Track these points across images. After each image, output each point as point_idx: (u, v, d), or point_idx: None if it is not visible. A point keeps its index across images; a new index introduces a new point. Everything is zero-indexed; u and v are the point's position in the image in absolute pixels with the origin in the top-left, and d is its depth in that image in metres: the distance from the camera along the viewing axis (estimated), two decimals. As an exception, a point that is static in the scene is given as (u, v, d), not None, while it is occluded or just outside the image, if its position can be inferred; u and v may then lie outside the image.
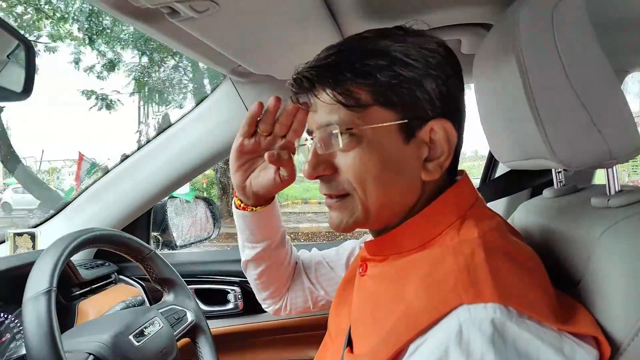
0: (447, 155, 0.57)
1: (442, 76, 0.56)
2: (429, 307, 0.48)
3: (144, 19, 0.66)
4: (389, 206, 0.59)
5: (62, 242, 0.77)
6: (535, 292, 0.48)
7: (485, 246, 0.51)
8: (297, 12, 0.71)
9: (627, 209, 0.57)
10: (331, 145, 0.57)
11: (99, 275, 1.19)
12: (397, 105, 0.56)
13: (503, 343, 0.43)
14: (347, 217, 0.59)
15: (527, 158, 0.69)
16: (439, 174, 0.58)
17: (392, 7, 0.81)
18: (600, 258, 0.54)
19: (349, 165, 0.57)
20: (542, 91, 0.59)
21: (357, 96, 0.56)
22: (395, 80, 0.55)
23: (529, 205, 0.84)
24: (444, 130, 0.56)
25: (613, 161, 0.60)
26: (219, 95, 1.15)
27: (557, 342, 0.45)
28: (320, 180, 0.61)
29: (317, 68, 0.57)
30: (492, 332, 0.43)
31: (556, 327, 0.46)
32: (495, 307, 0.45)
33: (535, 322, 0.45)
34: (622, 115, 0.59)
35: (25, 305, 0.68)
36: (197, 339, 1.02)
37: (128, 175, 1.24)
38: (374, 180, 0.57)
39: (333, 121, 0.57)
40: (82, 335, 0.80)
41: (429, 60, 0.56)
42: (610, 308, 0.51)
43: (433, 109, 0.56)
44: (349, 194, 0.59)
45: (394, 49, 0.56)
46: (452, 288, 0.48)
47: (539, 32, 0.59)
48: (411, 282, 0.53)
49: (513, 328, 0.44)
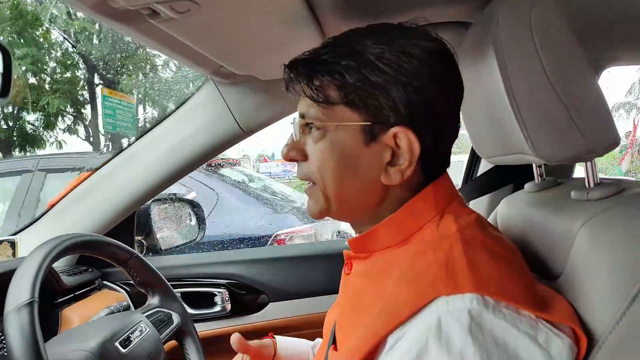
0: (408, 164, 0.57)
1: (415, 84, 0.56)
2: (409, 300, 0.49)
3: (123, 20, 0.65)
4: (346, 201, 0.61)
5: (42, 249, 0.75)
6: (513, 281, 0.50)
7: (464, 240, 0.52)
8: (279, 13, 0.71)
9: (605, 202, 0.59)
10: (301, 134, 0.62)
11: (82, 281, 1.17)
12: (360, 107, 0.57)
13: (481, 332, 0.44)
14: (314, 205, 0.63)
15: (508, 153, 0.70)
16: (398, 180, 0.58)
17: (373, 7, 0.82)
18: (579, 251, 0.55)
19: (314, 156, 0.61)
20: (522, 88, 0.60)
21: (326, 93, 0.58)
22: (359, 83, 0.56)
23: (510, 199, 0.86)
24: (407, 139, 0.56)
25: (592, 155, 0.61)
26: (202, 97, 1.14)
27: (532, 330, 0.46)
28: (297, 164, 0.65)
29: (301, 62, 0.60)
30: (469, 322, 0.45)
31: (534, 314, 0.47)
32: (472, 298, 0.46)
33: (512, 310, 0.47)
34: (599, 110, 0.60)
35: (7, 318, 0.66)
36: (184, 342, 1.01)
37: (110, 178, 1.22)
38: (331, 174, 0.59)
39: (305, 113, 0.60)
40: (67, 343, 0.78)
41: (402, 66, 0.55)
42: (590, 300, 0.52)
43: (397, 117, 0.56)
44: (315, 183, 0.62)
45: (369, 50, 0.56)
46: (431, 282, 0.49)
47: (518, 30, 0.60)
48: (392, 276, 0.54)
49: (489, 317, 0.45)
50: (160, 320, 0.97)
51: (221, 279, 1.32)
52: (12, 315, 0.66)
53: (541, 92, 0.59)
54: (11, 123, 8.57)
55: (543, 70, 0.59)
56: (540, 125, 0.60)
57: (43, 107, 8.08)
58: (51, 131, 8.76)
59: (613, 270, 0.50)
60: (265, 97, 1.11)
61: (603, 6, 0.83)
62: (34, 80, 8.31)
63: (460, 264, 0.49)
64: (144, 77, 8.79)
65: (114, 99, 7.00)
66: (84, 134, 9.25)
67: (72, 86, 8.61)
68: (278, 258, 1.36)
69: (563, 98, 0.58)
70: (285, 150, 0.63)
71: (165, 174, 1.19)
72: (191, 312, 1.29)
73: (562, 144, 0.60)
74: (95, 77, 8.92)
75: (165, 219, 1.51)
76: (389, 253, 0.59)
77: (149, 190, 1.21)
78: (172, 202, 1.57)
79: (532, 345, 0.45)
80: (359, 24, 0.63)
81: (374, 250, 0.61)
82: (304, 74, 0.59)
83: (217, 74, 1.00)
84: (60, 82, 8.48)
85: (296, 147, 0.63)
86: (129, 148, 1.21)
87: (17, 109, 8.49)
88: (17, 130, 8.53)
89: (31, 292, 0.69)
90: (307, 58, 0.60)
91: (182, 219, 1.55)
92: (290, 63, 0.61)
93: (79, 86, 8.77)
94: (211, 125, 1.14)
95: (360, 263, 0.63)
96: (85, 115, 9.14)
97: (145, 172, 1.19)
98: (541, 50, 0.59)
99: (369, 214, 0.61)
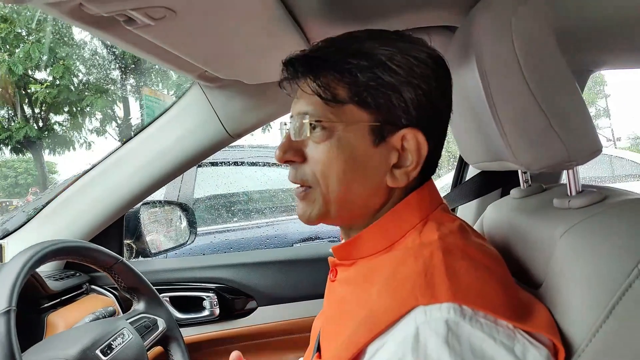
0: (415, 165, 0.57)
1: (424, 87, 0.56)
2: (388, 309, 0.48)
3: (100, 26, 0.64)
4: (349, 205, 0.59)
5: (22, 256, 0.74)
6: (493, 290, 0.49)
7: (444, 248, 0.52)
8: (258, 19, 0.70)
9: (586, 210, 0.58)
10: (302, 133, 0.58)
11: (69, 286, 1.16)
12: (371, 107, 0.56)
13: (458, 343, 0.44)
14: (310, 210, 0.60)
15: (493, 160, 0.69)
16: (404, 183, 0.58)
17: (357, 12, 0.81)
18: (559, 260, 0.55)
19: (316, 158, 0.58)
20: (502, 95, 0.60)
21: (335, 91, 0.56)
22: (373, 82, 0.55)
23: (496, 205, 0.85)
24: (415, 140, 0.56)
25: (572, 163, 0.61)
26: (188, 101, 1.14)
27: (509, 341, 0.46)
28: (290, 167, 0.62)
29: (305, 58, 0.59)
30: (446, 333, 0.44)
31: (511, 324, 0.47)
32: (449, 307, 0.46)
33: (490, 320, 0.46)
34: (580, 118, 0.60)
35: None
36: (169, 347, 1.01)
37: (98, 183, 1.21)
38: (336, 176, 0.57)
39: (309, 111, 0.58)
40: (47, 351, 0.77)
41: (413, 69, 0.56)
42: (569, 310, 0.51)
43: (407, 118, 0.56)
44: (312, 187, 0.59)
45: (379, 51, 0.56)
46: (410, 290, 0.48)
47: (498, 37, 0.59)
48: (375, 284, 0.53)
49: (466, 327, 0.45)
50: (145, 326, 0.96)
51: (210, 283, 1.31)
52: None
53: (521, 99, 0.58)
54: (41, 124, 8.62)
55: (522, 77, 0.58)
56: (520, 132, 0.59)
57: (81, 109, 8.07)
58: (79, 132, 8.82)
59: (590, 281, 0.50)
60: (252, 101, 1.10)
61: (588, 10, 0.82)
62: (75, 80, 8.36)
63: (439, 272, 0.49)
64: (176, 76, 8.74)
65: (154, 98, 7.03)
66: (117, 134, 9.25)
67: (113, 85, 8.64)
68: (267, 262, 1.35)
69: (543, 106, 0.58)
70: (280, 151, 0.60)
71: (153, 178, 1.18)
72: (179, 316, 1.28)
73: (543, 152, 0.59)
74: (129, 77, 8.92)
75: (155, 222, 1.50)
76: (373, 260, 0.58)
77: (137, 194, 1.21)
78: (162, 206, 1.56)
79: (508, 356, 0.45)
80: (344, 29, 0.63)
81: (357, 258, 0.60)
82: (311, 70, 0.57)
83: (203, 78, 0.99)
84: (101, 83, 8.50)
85: (293, 147, 0.60)
86: (115, 152, 1.20)
87: (45, 110, 8.55)
88: (48, 132, 8.58)
89: (8, 301, 0.68)
90: (310, 55, 0.59)
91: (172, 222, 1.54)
92: (289, 59, 0.59)
93: (116, 86, 8.80)
94: (198, 129, 1.14)
95: (344, 270, 0.63)
96: (118, 116, 9.18)
97: (133, 176, 1.18)
98: (521, 57, 0.58)
99: (368, 217, 0.60)
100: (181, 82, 8.43)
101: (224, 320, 1.29)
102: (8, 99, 8.22)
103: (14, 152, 8.81)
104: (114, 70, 8.70)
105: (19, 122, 8.37)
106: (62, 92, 8.21)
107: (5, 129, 8.24)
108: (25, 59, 7.58)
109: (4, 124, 8.35)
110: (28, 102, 8.61)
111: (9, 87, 8.15)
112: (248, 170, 2.63)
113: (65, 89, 8.27)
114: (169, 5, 0.59)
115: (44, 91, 8.21)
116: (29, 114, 8.63)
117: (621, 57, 1.08)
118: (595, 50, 1.02)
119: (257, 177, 2.69)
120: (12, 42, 7.65)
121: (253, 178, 2.70)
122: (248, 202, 2.73)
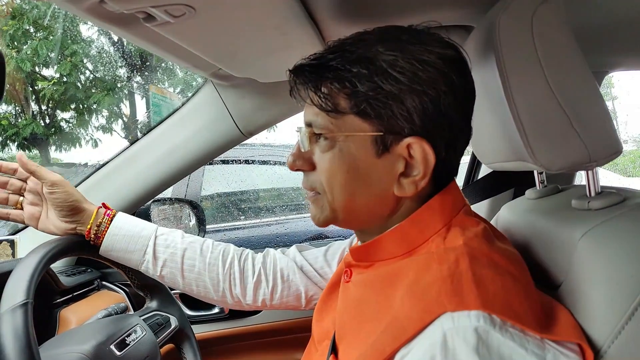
0: (423, 175, 0.55)
1: (431, 93, 0.53)
2: (414, 316, 0.47)
3: (119, 23, 0.64)
4: (355, 213, 0.59)
5: (39, 251, 0.75)
6: (519, 300, 0.48)
7: (470, 254, 0.51)
8: (275, 18, 0.70)
9: (606, 212, 0.58)
10: (307, 144, 0.59)
11: (81, 282, 1.17)
12: (372, 117, 0.55)
13: (488, 352, 0.43)
14: (319, 214, 0.61)
15: (509, 160, 0.69)
16: (412, 192, 0.56)
17: (372, 11, 0.81)
18: (580, 261, 0.55)
19: (322, 167, 0.59)
20: (522, 95, 0.59)
21: (335, 102, 0.55)
22: (372, 92, 0.54)
23: (511, 206, 0.85)
24: (422, 149, 0.54)
25: (593, 164, 0.60)
26: (201, 99, 1.14)
27: (540, 350, 0.45)
28: (303, 173, 0.63)
29: (307, 67, 0.58)
30: (476, 342, 0.43)
31: (539, 336, 0.46)
32: (478, 315, 0.44)
33: (518, 330, 0.45)
34: (601, 118, 0.59)
35: (1, 320, 0.66)
36: (181, 345, 1.01)
37: (110, 179, 1.22)
38: (340, 186, 0.58)
39: (313, 121, 0.58)
40: (62, 346, 0.78)
41: (417, 74, 0.53)
42: (591, 311, 0.51)
43: (411, 127, 0.54)
44: (320, 193, 0.60)
45: (382, 57, 0.54)
46: (435, 297, 0.47)
47: (519, 37, 0.59)
48: (398, 289, 0.52)
49: (497, 336, 0.44)
50: (157, 323, 0.96)
51: None
52: (6, 316, 0.66)
53: (542, 99, 0.58)
54: (48, 121, 8.68)
55: (544, 77, 0.58)
56: (540, 133, 0.59)
57: (88, 106, 8.12)
58: (85, 129, 8.87)
59: (611, 283, 0.49)
60: (265, 100, 1.11)
61: (605, 12, 0.82)
62: (82, 77, 8.40)
63: (465, 278, 0.48)
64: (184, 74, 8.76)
65: (161, 96, 7.06)
66: (123, 131, 9.29)
67: (120, 83, 8.68)
68: None
69: (564, 106, 0.57)
70: (292, 160, 0.61)
71: (165, 176, 1.19)
72: (189, 313, 1.29)
73: (563, 153, 0.59)
74: (136, 75, 8.94)
75: (165, 219, 1.50)
76: (393, 264, 0.57)
77: (148, 192, 1.21)
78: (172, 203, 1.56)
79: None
80: (359, 27, 0.62)
81: (377, 260, 0.59)
82: (311, 81, 0.57)
83: (216, 76, 1.00)
84: (109, 80, 8.54)
85: (303, 156, 0.61)
86: (128, 149, 1.21)
87: (51, 107, 8.60)
88: (54, 129, 8.63)
89: (26, 294, 0.68)
90: (314, 63, 0.57)
91: (182, 220, 1.54)
92: (295, 68, 0.59)
93: (123, 84, 8.83)
94: (210, 127, 1.14)
95: (361, 272, 0.62)
96: (124, 113, 9.22)
97: (145, 173, 1.19)
98: (542, 57, 0.58)
99: (378, 224, 0.60)
100: (188, 80, 8.45)
101: (234, 317, 1.30)
102: (15, 95, 8.26)
103: (21, 149, 8.86)
104: (121, 67, 8.73)
105: (26, 119, 8.41)
106: (69, 90, 8.25)
107: (12, 125, 8.27)
108: (32, 56, 7.62)
109: (11, 120, 8.39)
110: (35, 99, 8.66)
111: (17, 83, 8.19)
112: (258, 168, 2.64)
113: (72, 86, 8.30)
114: (189, 2, 0.59)
115: (51, 88, 8.26)
116: (36, 111, 8.68)
117: (637, 59, 1.07)
118: (611, 51, 1.01)
119: (267, 175, 2.70)
120: (20, 39, 7.69)
121: (264, 176, 2.71)
122: (257, 200, 2.73)
